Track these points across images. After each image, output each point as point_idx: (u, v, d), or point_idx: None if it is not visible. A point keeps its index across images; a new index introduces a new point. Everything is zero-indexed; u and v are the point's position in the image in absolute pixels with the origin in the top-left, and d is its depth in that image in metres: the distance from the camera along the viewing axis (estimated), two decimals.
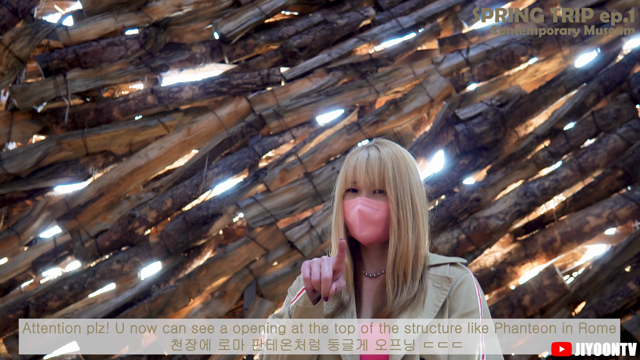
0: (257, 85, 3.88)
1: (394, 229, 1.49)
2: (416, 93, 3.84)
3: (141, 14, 3.98)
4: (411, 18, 4.11)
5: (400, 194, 1.50)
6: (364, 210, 1.50)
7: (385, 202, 1.50)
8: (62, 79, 3.71)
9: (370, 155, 1.53)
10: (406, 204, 1.50)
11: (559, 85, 3.79)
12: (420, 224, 1.52)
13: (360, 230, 1.50)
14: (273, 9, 4.06)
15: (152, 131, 3.77)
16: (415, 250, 1.50)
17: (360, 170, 1.51)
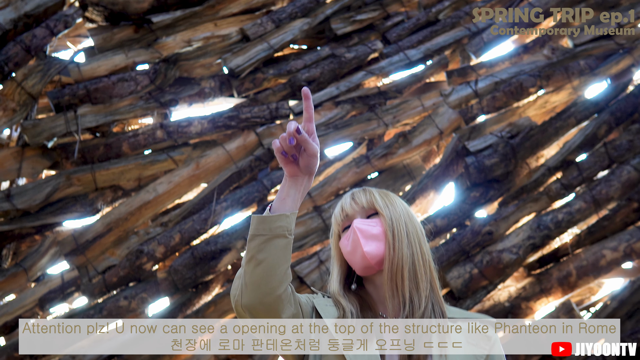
0: (265, 119, 3.66)
1: (389, 241, 1.40)
2: (425, 125, 3.61)
3: (151, 50, 3.80)
4: (419, 51, 3.90)
5: (392, 212, 1.43)
6: (361, 227, 1.42)
7: (380, 219, 1.43)
8: (72, 114, 3.52)
9: (354, 191, 1.51)
10: (400, 223, 1.42)
11: (570, 116, 3.54)
12: (416, 245, 1.43)
13: (364, 246, 1.39)
14: (281, 43, 3.87)
15: (161, 165, 3.56)
16: (413, 268, 1.40)
17: (347, 204, 1.47)
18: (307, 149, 1.26)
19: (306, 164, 1.27)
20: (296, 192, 1.29)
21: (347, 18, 4.02)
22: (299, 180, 1.29)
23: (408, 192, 3.46)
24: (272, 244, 1.26)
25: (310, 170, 1.29)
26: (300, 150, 1.27)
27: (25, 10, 3.74)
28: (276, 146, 1.25)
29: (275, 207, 1.30)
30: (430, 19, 4.05)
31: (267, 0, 4.10)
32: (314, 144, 1.26)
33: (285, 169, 1.28)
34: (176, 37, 3.87)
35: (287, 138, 1.24)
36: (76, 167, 3.50)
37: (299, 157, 1.27)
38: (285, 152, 1.25)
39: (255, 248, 1.26)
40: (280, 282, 1.28)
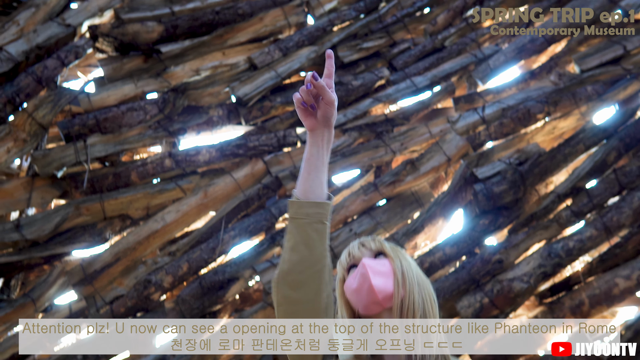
0: (273, 147, 3.58)
1: (397, 280, 1.35)
2: (433, 152, 3.50)
3: (160, 79, 3.74)
4: (425, 78, 3.81)
5: (402, 258, 1.40)
6: (369, 262, 1.37)
7: (389, 261, 1.38)
8: (82, 144, 3.45)
9: (362, 238, 1.47)
10: (410, 269, 1.38)
11: (578, 142, 3.42)
12: (427, 296, 1.37)
13: (372, 279, 1.33)
14: (289, 71, 3.80)
15: (169, 194, 3.47)
16: (424, 315, 1.34)
17: (354, 248, 1.43)
18: (324, 97, 1.26)
19: (324, 114, 1.27)
20: (318, 149, 1.27)
21: (353, 46, 3.95)
22: (318, 135, 1.27)
23: (417, 220, 3.34)
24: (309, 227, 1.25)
25: (328, 121, 1.27)
26: (319, 101, 1.27)
27: (37, 42, 3.70)
28: (296, 97, 1.27)
29: (301, 186, 1.28)
30: (436, 46, 3.97)
31: (274, 29, 4.04)
32: (331, 92, 1.26)
33: (305, 123, 1.29)
34: (185, 66, 3.81)
35: (305, 84, 1.26)
36: (85, 197, 3.42)
37: (317, 109, 1.27)
38: (305, 102, 1.26)
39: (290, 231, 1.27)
40: (321, 256, 1.25)
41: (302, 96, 1.27)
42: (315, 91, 1.26)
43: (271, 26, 4.02)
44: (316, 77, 1.25)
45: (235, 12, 4.01)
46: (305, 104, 1.26)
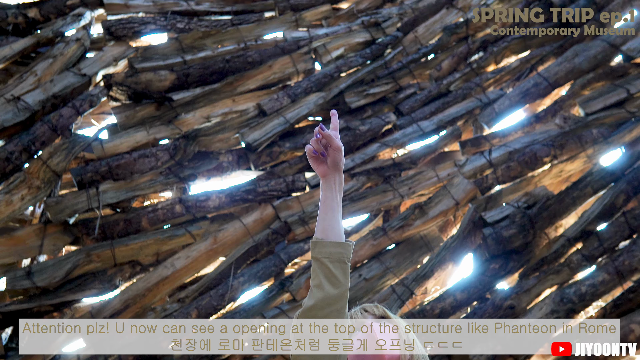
0: (282, 191, 3.53)
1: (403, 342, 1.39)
2: (441, 196, 3.44)
3: (172, 126, 3.74)
4: (432, 122, 3.78)
5: (404, 326, 1.43)
6: (375, 323, 1.41)
7: (392, 326, 1.42)
8: (94, 191, 3.42)
9: (362, 305, 1.50)
10: (416, 341, 1.41)
11: (586, 186, 3.35)
12: None
13: (378, 337, 1.38)
14: (297, 117, 3.79)
15: (179, 240, 3.41)
16: None
17: (357, 314, 1.46)
18: (332, 144, 1.37)
19: (333, 159, 1.38)
20: (332, 192, 1.38)
21: (360, 92, 3.95)
22: (330, 179, 1.39)
23: (426, 264, 3.25)
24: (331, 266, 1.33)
25: (337, 166, 1.38)
26: (328, 149, 1.38)
27: (54, 91, 3.72)
28: (308, 148, 1.38)
29: (320, 226, 1.37)
30: (441, 91, 3.96)
31: (283, 76, 4.06)
32: (338, 140, 1.39)
33: (317, 171, 1.40)
34: (195, 113, 3.82)
35: (314, 135, 1.38)
36: (96, 243, 3.37)
37: (327, 156, 1.38)
38: (315, 150, 1.37)
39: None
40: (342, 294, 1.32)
41: (313, 146, 1.38)
42: (324, 141, 1.38)
43: (280, 73, 4.04)
44: (323, 127, 1.37)
45: (245, 60, 4.04)
46: (316, 152, 1.38)
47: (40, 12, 4.12)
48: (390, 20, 4.41)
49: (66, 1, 4.18)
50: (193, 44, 4.13)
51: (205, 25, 4.29)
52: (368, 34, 4.32)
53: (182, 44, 4.10)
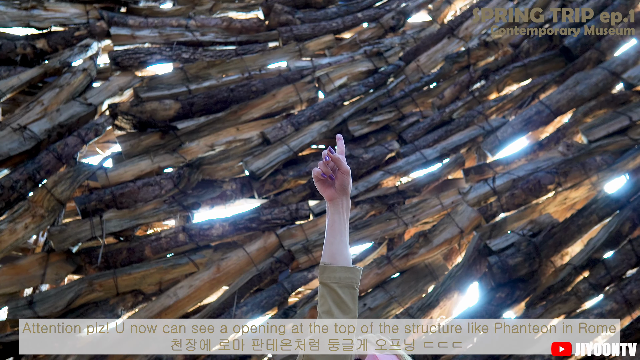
0: (286, 220, 3.51)
1: None
2: (445, 224, 3.41)
3: (176, 155, 3.74)
4: (435, 150, 3.78)
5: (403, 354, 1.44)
6: (379, 353, 1.40)
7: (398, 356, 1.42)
8: (98, 219, 3.41)
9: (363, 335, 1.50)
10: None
11: (591, 213, 3.32)
12: None
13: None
14: (301, 145, 3.79)
15: (182, 269, 3.38)
16: None
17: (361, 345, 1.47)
18: (340, 167, 1.39)
19: (341, 183, 1.39)
20: (339, 216, 1.38)
21: (363, 120, 3.96)
22: (338, 203, 1.39)
23: (431, 293, 3.20)
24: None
25: (345, 189, 1.39)
26: (335, 172, 1.39)
27: (60, 120, 3.74)
28: (315, 171, 1.39)
29: (328, 251, 1.35)
30: (444, 119, 3.97)
31: (286, 105, 4.07)
32: (346, 164, 1.40)
33: (324, 195, 1.40)
34: (200, 142, 3.82)
35: (323, 158, 1.39)
36: (99, 272, 3.34)
37: (334, 179, 1.39)
38: (324, 173, 1.38)
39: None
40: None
41: (321, 169, 1.39)
42: (332, 164, 1.39)
43: (283, 102, 4.06)
44: (332, 150, 1.38)
45: (249, 89, 4.06)
46: (325, 175, 1.38)
47: (49, 43, 4.17)
48: (393, 49, 4.45)
49: (74, 32, 4.23)
50: (198, 73, 4.16)
51: (210, 55, 4.33)
52: (371, 63, 4.35)
53: (187, 74, 4.13)
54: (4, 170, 3.53)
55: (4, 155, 3.44)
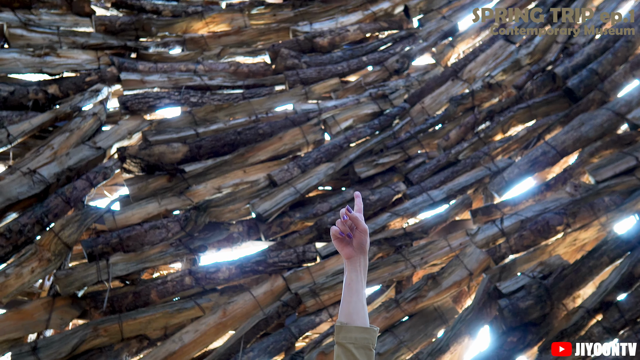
0: (292, 262, 3.47)
1: None
2: (454, 266, 3.36)
3: (183, 197, 3.74)
4: (441, 191, 3.76)
5: None
6: None
7: None
8: (104, 263, 3.38)
9: None
10: None
11: (602, 255, 3.27)
12: None
13: None
14: (308, 187, 3.79)
15: (188, 313, 3.33)
16: None
17: None
18: (358, 226, 1.42)
19: (359, 241, 1.41)
20: (357, 274, 1.39)
21: (370, 162, 3.96)
22: (356, 261, 1.41)
23: (441, 338, 3.13)
24: None
25: (363, 248, 1.42)
26: (353, 230, 1.42)
27: (69, 164, 3.77)
28: (334, 229, 1.42)
29: (344, 310, 1.36)
30: (450, 160, 3.97)
31: (293, 147, 4.09)
32: (364, 223, 1.42)
33: (342, 253, 1.42)
34: (207, 184, 3.83)
35: (341, 217, 1.42)
36: (104, 317, 3.29)
37: (352, 238, 1.41)
38: (342, 232, 1.41)
39: None
40: None
41: (339, 227, 1.41)
42: (349, 222, 1.41)
43: (290, 144, 4.08)
44: (350, 209, 1.41)
45: (256, 132, 4.10)
46: (343, 234, 1.41)
47: (60, 89, 4.25)
48: (398, 92, 4.50)
49: (85, 78, 4.31)
50: (206, 117, 4.21)
51: (217, 99, 4.39)
52: (376, 105, 4.39)
53: (195, 117, 4.18)
54: (13, 214, 3.53)
55: (13, 199, 3.46)
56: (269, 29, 4.93)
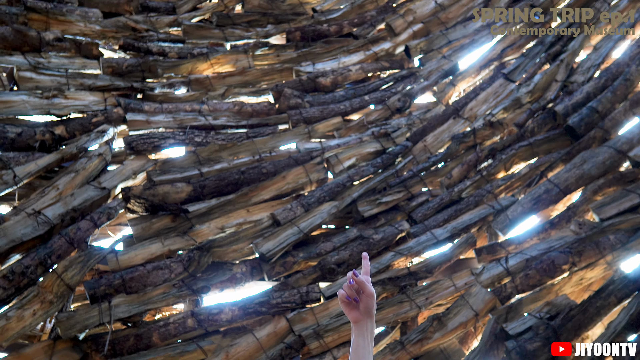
0: (296, 303, 3.42)
1: None
2: (459, 307, 3.30)
3: (186, 238, 3.72)
4: (445, 230, 3.73)
5: None
6: None
7: None
8: (106, 305, 3.34)
9: None
10: None
11: (609, 294, 3.21)
12: None
13: None
14: (311, 227, 3.76)
15: (190, 356, 3.26)
16: None
17: None
18: (365, 290, 1.43)
19: (366, 305, 1.42)
20: (364, 339, 1.40)
21: (373, 200, 3.95)
22: (363, 325, 1.42)
23: None
24: None
25: (370, 312, 1.43)
26: (360, 294, 1.43)
27: (74, 205, 3.77)
28: (341, 293, 1.44)
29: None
30: (453, 198, 3.95)
31: (296, 186, 4.09)
32: (371, 286, 1.44)
33: (350, 317, 1.43)
34: (210, 224, 3.81)
35: (347, 280, 1.42)
36: None
37: (359, 302, 1.42)
38: (349, 296, 1.42)
39: None
40: None
41: (346, 292, 1.42)
42: (356, 286, 1.42)
43: (293, 183, 4.08)
44: (356, 274, 1.43)
45: (259, 171, 4.10)
46: (350, 298, 1.42)
47: (67, 129, 4.28)
48: (400, 130, 4.52)
49: (92, 119, 4.36)
50: (210, 156, 4.22)
51: (221, 138, 4.41)
52: (378, 144, 4.41)
53: (200, 157, 4.20)
54: (16, 255, 3.52)
55: (17, 240, 3.44)
56: (273, 69, 5.00)
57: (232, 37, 5.24)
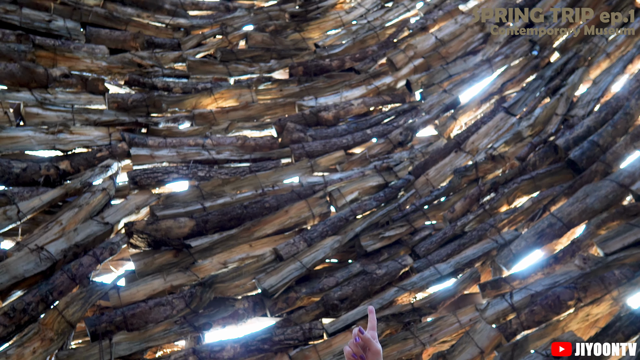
0: (299, 340, 3.37)
1: None
2: (464, 344, 3.25)
3: (189, 273, 3.69)
4: (449, 265, 3.70)
5: None
6: None
7: None
8: (107, 343, 3.30)
9: None
10: None
11: (616, 332, 3.15)
12: None
13: None
14: (314, 261, 3.74)
15: None
16: None
17: None
18: (370, 348, 1.43)
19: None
20: None
21: (376, 235, 3.93)
22: None
23: None
24: None
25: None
26: (366, 351, 1.43)
27: (76, 240, 3.75)
28: (346, 350, 1.43)
29: None
30: (456, 232, 3.93)
31: (299, 221, 4.08)
32: (376, 343, 1.44)
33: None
34: (213, 259, 3.79)
35: (353, 337, 1.44)
36: None
37: (365, 359, 1.42)
38: (354, 354, 1.42)
39: None
40: None
41: (352, 349, 1.42)
42: (362, 343, 1.43)
43: (296, 218, 4.07)
44: (362, 331, 1.43)
45: (262, 205, 4.10)
46: (355, 356, 1.42)
47: (71, 164, 4.31)
48: (402, 164, 4.53)
49: (96, 153, 4.38)
50: (213, 190, 4.23)
51: (225, 172, 4.43)
52: (381, 177, 4.41)
53: (203, 191, 4.20)
54: (18, 292, 3.49)
55: (19, 277, 3.42)
56: (276, 103, 5.05)
57: (236, 72, 5.31)
